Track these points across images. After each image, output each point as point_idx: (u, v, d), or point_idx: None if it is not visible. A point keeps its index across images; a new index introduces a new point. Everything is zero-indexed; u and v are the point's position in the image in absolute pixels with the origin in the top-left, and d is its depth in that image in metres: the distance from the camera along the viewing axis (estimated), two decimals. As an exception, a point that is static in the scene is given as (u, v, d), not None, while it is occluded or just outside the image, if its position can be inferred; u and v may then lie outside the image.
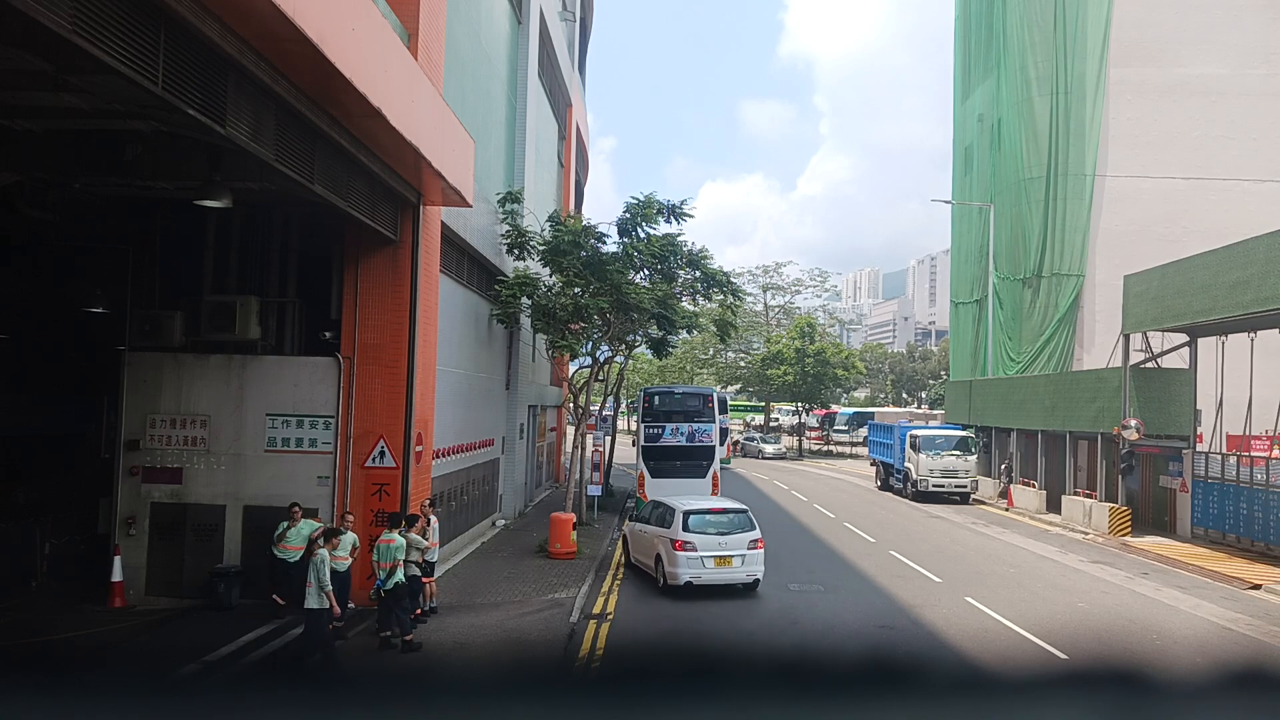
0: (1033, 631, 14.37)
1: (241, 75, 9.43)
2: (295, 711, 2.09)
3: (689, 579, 16.44)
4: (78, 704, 2.01)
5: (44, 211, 13.73)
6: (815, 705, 2.10)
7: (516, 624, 14.22)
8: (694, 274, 24.62)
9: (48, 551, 16.57)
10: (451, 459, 19.14)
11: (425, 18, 14.82)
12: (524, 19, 26.65)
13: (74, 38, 6.95)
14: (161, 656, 11.64)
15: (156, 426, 15.42)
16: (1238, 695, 2.22)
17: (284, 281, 16.21)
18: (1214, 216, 34.68)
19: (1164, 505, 26.75)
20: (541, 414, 32.24)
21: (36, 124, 11.16)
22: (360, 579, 13.83)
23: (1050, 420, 31.06)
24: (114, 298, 16.40)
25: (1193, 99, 37.51)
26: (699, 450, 27.13)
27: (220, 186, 12.01)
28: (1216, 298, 22.14)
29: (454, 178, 14.48)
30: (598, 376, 26.87)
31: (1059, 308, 37.90)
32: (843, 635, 14.43)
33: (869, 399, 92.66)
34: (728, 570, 16.62)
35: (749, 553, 16.73)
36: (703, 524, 16.87)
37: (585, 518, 24.67)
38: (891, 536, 24.72)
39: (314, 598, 11.37)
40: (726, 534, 16.83)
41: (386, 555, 12.83)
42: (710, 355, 65.24)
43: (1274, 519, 21.55)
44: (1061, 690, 2.32)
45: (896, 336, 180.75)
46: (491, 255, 22.11)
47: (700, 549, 16.51)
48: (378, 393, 15.27)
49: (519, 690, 2.22)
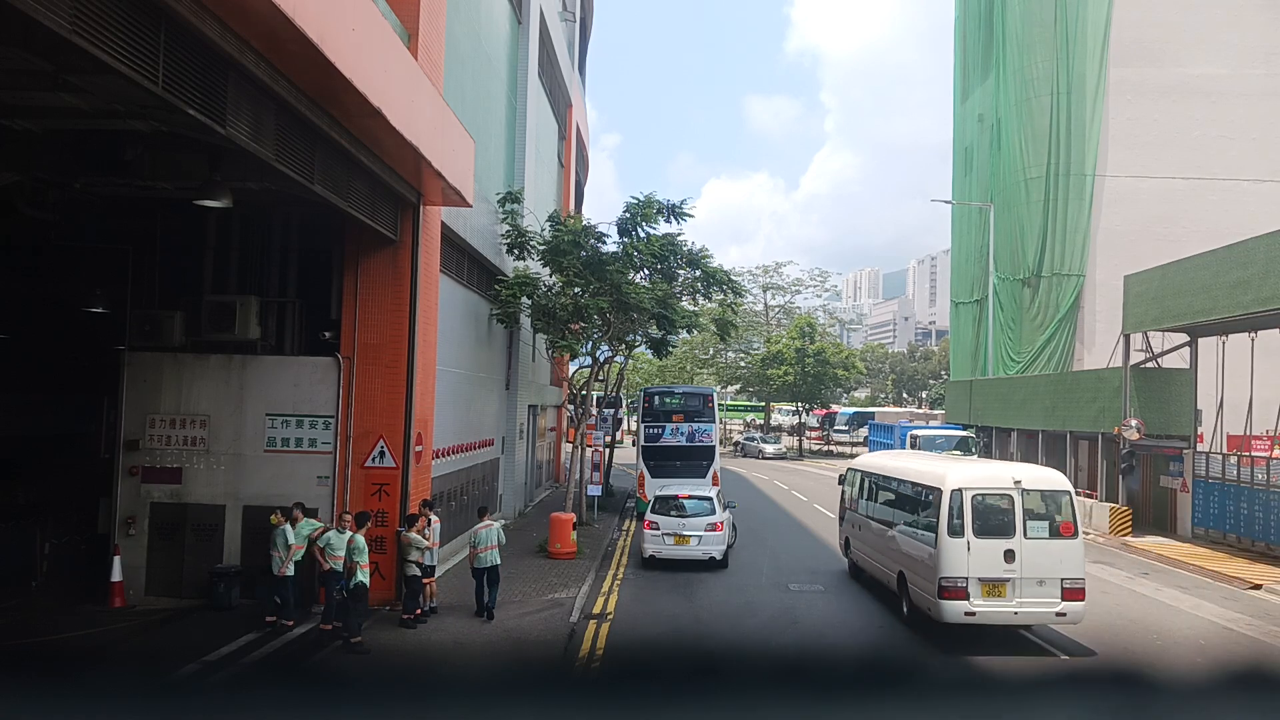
0: (1033, 631, 14.35)
1: (241, 75, 9.43)
2: (295, 711, 2.09)
3: (652, 553, 19.17)
4: (78, 704, 2.01)
5: (44, 211, 13.72)
6: (815, 705, 2.10)
7: (516, 624, 14.22)
8: (694, 273, 24.62)
9: (48, 551, 16.57)
10: (451, 459, 19.13)
11: (425, 18, 14.82)
12: (524, 19, 26.65)
13: (74, 38, 6.95)
14: (161, 656, 11.65)
15: (156, 426, 15.42)
16: (1238, 695, 2.22)
17: (284, 281, 16.20)
18: (1214, 216, 34.68)
19: (1164, 505, 26.74)
20: (541, 414, 32.24)
21: (36, 124, 11.16)
22: (374, 579, 13.86)
23: (1050, 420, 31.06)
24: (114, 298, 16.40)
25: (1193, 99, 37.52)
26: (699, 450, 27.14)
27: (220, 186, 12.00)
28: (1217, 298, 22.14)
29: (454, 178, 14.48)
30: (598, 376, 26.88)
31: (1059, 308, 37.91)
32: (843, 635, 14.43)
33: (869, 399, 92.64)
34: (684, 548, 19.00)
35: (706, 534, 19.00)
36: (666, 507, 19.54)
37: (585, 518, 24.67)
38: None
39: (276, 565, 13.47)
40: (687, 517, 19.26)
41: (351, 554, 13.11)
42: (710, 355, 65.22)
43: (1274, 519, 21.55)
44: (1061, 690, 2.32)
45: (897, 336, 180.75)
46: (491, 255, 22.11)
47: (663, 528, 19.17)
48: (378, 393, 15.27)
49: (519, 690, 2.22)
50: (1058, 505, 13.63)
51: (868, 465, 18.70)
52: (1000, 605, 13.12)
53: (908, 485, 15.49)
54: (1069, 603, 13.08)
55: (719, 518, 19.43)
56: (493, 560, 14.57)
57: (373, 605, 14.06)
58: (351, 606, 12.87)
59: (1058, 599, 13.08)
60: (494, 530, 14.87)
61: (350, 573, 12.89)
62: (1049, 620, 13.52)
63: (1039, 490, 13.73)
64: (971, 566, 13.10)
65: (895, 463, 17.56)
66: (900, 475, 16.10)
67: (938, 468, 14.99)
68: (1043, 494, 13.76)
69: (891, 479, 16.50)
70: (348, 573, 12.92)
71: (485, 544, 14.65)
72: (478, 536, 14.84)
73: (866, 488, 17.81)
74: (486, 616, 14.37)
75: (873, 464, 18.62)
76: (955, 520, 13.27)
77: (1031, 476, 14.01)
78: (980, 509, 13.32)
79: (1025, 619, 13.40)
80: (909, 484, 15.44)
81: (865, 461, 19.72)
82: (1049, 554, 13.18)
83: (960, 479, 13.68)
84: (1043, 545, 13.22)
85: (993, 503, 13.43)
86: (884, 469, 17.37)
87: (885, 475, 16.96)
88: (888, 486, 16.64)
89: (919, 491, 14.78)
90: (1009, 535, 13.19)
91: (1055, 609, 13.10)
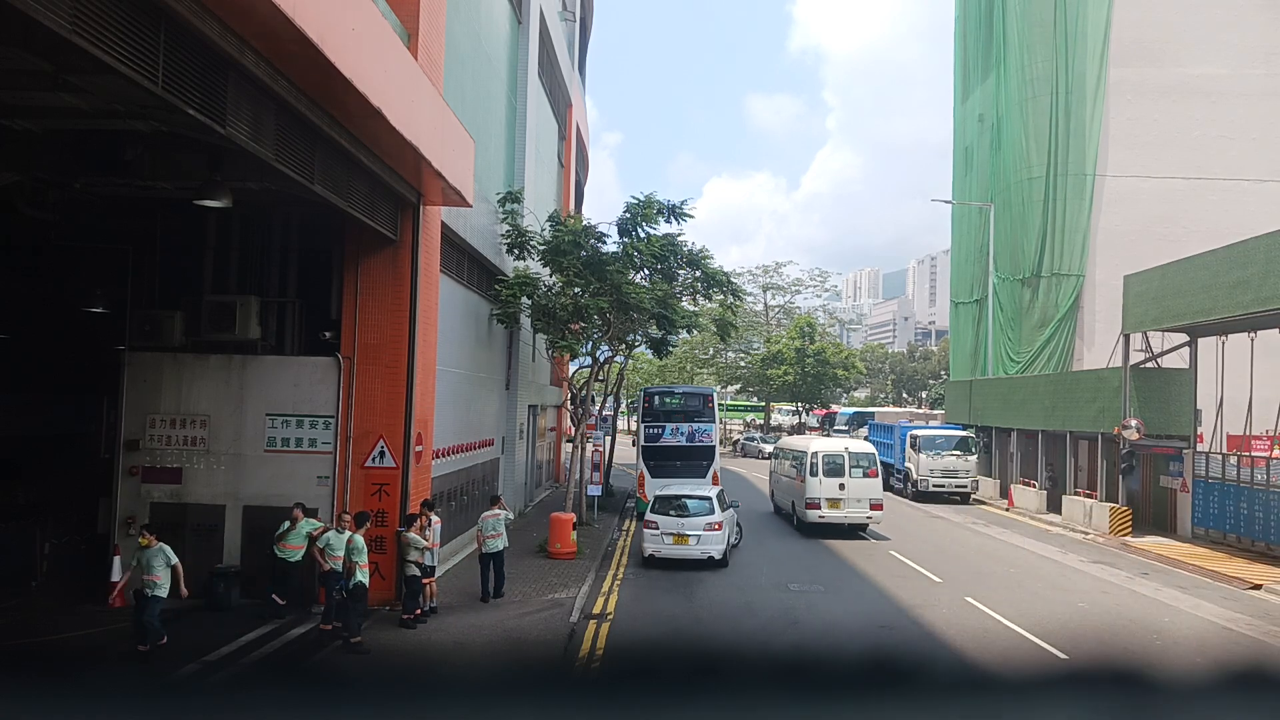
0: (1033, 631, 14.36)
1: (241, 75, 9.43)
2: (295, 711, 2.09)
3: (652, 552, 19.42)
4: (78, 704, 2.01)
5: (44, 211, 13.72)
6: (815, 705, 2.11)
7: (516, 624, 14.22)
8: (694, 273, 24.62)
9: (48, 551, 16.57)
10: (451, 459, 19.13)
11: (425, 17, 14.82)
12: (524, 19, 26.65)
13: (74, 38, 6.95)
14: (162, 656, 11.64)
15: (156, 426, 15.42)
16: (1238, 695, 2.22)
17: (284, 281, 16.20)
18: (1214, 216, 34.67)
19: (1164, 505, 26.74)
20: (541, 414, 32.24)
21: (36, 124, 11.16)
22: (374, 579, 13.86)
23: (1050, 420, 31.06)
24: (114, 298, 16.39)
25: (1193, 99, 37.51)
26: (699, 450, 27.14)
27: (220, 186, 12.00)
28: (1216, 298, 22.13)
29: (454, 178, 14.47)
30: (598, 376, 26.87)
31: (1059, 308, 37.90)
32: (843, 635, 14.43)
33: (869, 399, 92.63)
34: (684, 548, 19.23)
35: (705, 534, 19.22)
36: (665, 507, 19.82)
37: (585, 518, 24.67)
38: (891, 536, 24.73)
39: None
40: (686, 516, 19.49)
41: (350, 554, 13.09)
42: (710, 355, 65.19)
43: (1274, 519, 21.55)
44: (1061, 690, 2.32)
45: (897, 336, 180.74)
46: (491, 255, 22.10)
47: (662, 528, 19.40)
48: (378, 393, 15.27)
49: (519, 690, 2.22)
50: (869, 460, 24.66)
51: (781, 444, 30.95)
52: (837, 512, 24.08)
53: (795, 453, 26.47)
54: (874, 511, 24.22)
55: (718, 517, 19.62)
56: (498, 546, 15.89)
57: (373, 605, 14.05)
58: (351, 606, 12.87)
59: (868, 509, 24.14)
60: (500, 519, 16.20)
61: (350, 573, 12.91)
62: (864, 519, 24.18)
63: (858, 453, 24.94)
64: (822, 492, 24.10)
65: (792, 441, 29.79)
66: (793, 447, 27.49)
67: (808, 443, 26.66)
68: (860, 454, 24.82)
69: (790, 450, 27.68)
70: (347, 573, 12.94)
71: (493, 531, 15.92)
72: (486, 524, 16.04)
73: (780, 456, 29.14)
74: (495, 596, 15.62)
75: (783, 443, 30.82)
76: (813, 468, 24.19)
77: (854, 446, 25.80)
78: (826, 462, 24.24)
79: (851, 520, 24.13)
80: (796, 452, 26.40)
81: (781, 442, 32.32)
82: (863, 486, 24.24)
83: (817, 447, 25.18)
84: (859, 481, 24.24)
85: (832, 459, 24.34)
86: (787, 445, 29.18)
87: (787, 448, 28.38)
88: (788, 455, 27.60)
89: (798, 455, 25.78)
90: (841, 476, 24.16)
91: (867, 514, 24.12)
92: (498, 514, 16.41)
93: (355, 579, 12.88)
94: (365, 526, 13.60)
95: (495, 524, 16.08)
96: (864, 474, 24.22)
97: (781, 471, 28.11)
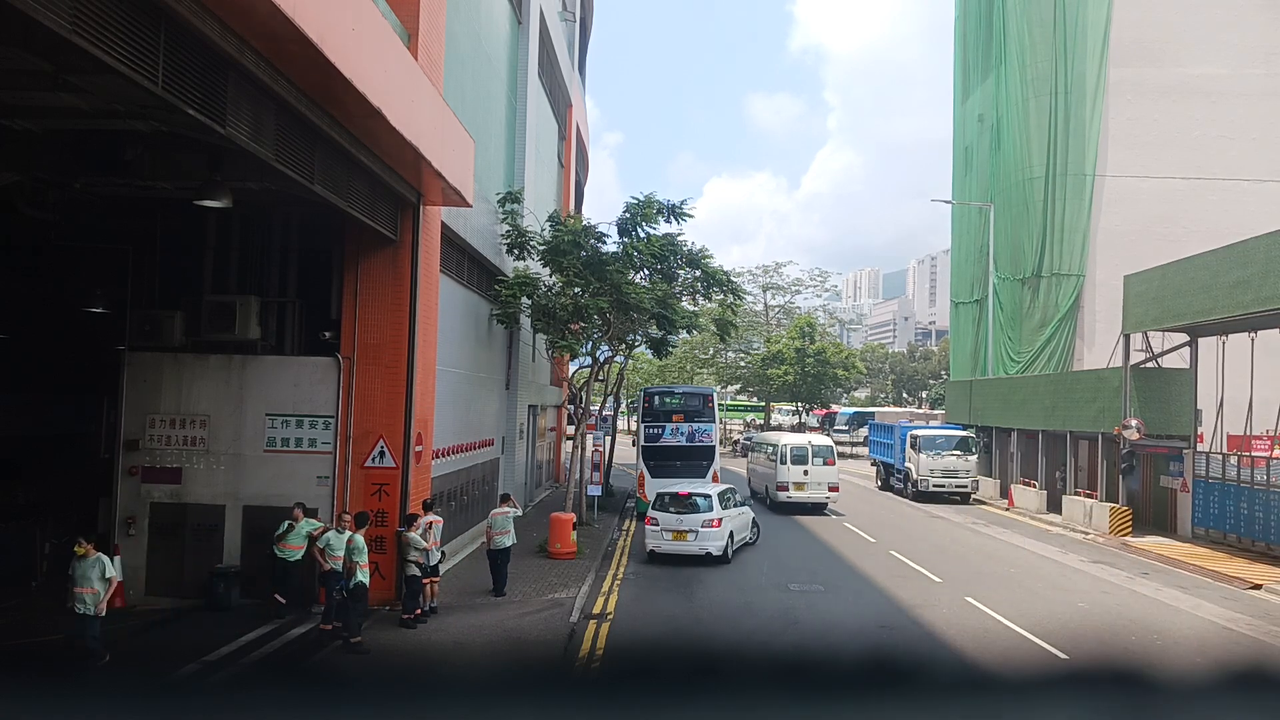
0: (1033, 631, 14.36)
1: (241, 75, 9.43)
2: (295, 711, 2.09)
3: (652, 548, 20.07)
4: (78, 704, 2.01)
5: (44, 211, 13.72)
6: (815, 705, 2.11)
7: (516, 624, 14.22)
8: (694, 273, 24.62)
9: (48, 551, 16.57)
10: (451, 459, 19.13)
11: (425, 18, 14.81)
12: (524, 19, 26.65)
13: (74, 38, 6.95)
14: (161, 656, 11.63)
15: (156, 426, 15.42)
16: (1238, 695, 2.22)
17: (284, 281, 16.20)
18: (1214, 216, 34.66)
19: (1164, 505, 26.74)
20: (541, 414, 32.24)
21: (36, 124, 11.16)
22: (374, 579, 13.86)
23: (1050, 420, 31.06)
24: (114, 298, 16.39)
25: (1193, 99, 37.50)
26: (699, 450, 27.15)
27: (220, 186, 12.00)
28: (1217, 298, 22.13)
29: (454, 178, 14.47)
30: (598, 376, 26.87)
31: (1059, 308, 37.89)
32: (843, 635, 14.43)
33: (869, 399, 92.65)
34: (683, 544, 19.79)
35: (704, 530, 19.76)
36: (665, 504, 20.29)
37: (585, 518, 24.66)
38: (891, 536, 24.73)
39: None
40: (685, 514, 19.96)
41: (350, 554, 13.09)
42: (710, 355, 65.17)
43: (1274, 519, 21.55)
44: (1061, 690, 2.32)
45: (897, 336, 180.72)
46: (491, 255, 22.11)
47: (662, 524, 19.99)
48: (378, 393, 15.26)
49: (519, 690, 2.22)
50: (829, 452, 30.06)
51: (757, 438, 37.00)
52: (802, 494, 29.25)
53: (770, 445, 31.74)
54: (831, 493, 29.42)
55: (716, 515, 20.02)
56: (506, 543, 16.25)
57: (373, 605, 14.06)
58: (351, 606, 12.88)
59: (826, 491, 29.32)
60: (510, 516, 16.57)
61: (350, 573, 12.92)
62: (824, 499, 29.28)
63: (820, 445, 30.44)
64: (790, 477, 29.34)
65: (766, 436, 36.13)
66: (767, 440, 33.21)
67: (779, 437, 32.00)
68: (821, 447, 30.25)
69: (764, 443, 33.48)
70: (347, 573, 12.94)
71: (501, 528, 16.27)
72: (496, 521, 16.41)
73: (755, 448, 35.57)
74: (498, 592, 16.05)
75: (759, 437, 36.95)
76: (783, 458, 29.50)
77: (816, 440, 31.49)
78: (793, 453, 29.55)
79: (813, 499, 29.17)
80: (770, 444, 31.84)
81: (757, 437, 38.82)
82: (823, 472, 29.41)
83: (787, 440, 30.45)
84: (820, 469, 29.39)
85: (798, 450, 29.68)
86: (761, 438, 35.48)
87: (762, 440, 34.64)
88: (762, 448, 33.38)
89: (771, 447, 31.22)
90: (806, 463, 29.39)
91: (826, 495, 29.27)
92: (507, 511, 16.66)
93: (355, 579, 12.88)
94: (365, 527, 13.60)
95: (504, 521, 16.37)
96: (823, 462, 29.51)
97: (758, 461, 33.82)
